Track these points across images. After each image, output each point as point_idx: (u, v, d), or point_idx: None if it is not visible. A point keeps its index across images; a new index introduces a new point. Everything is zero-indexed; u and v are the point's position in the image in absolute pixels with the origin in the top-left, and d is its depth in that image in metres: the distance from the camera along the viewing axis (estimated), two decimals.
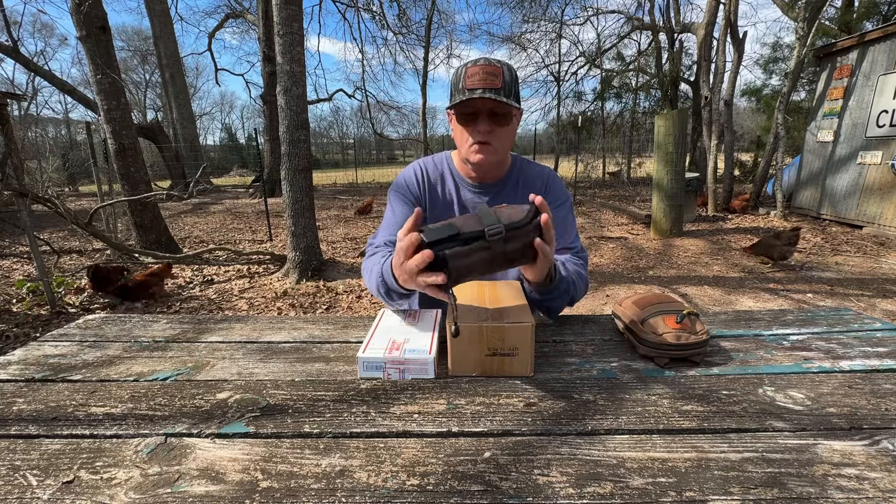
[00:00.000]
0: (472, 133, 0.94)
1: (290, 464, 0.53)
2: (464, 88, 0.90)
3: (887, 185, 5.49)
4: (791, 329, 0.91)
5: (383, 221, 1.09)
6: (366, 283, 0.98)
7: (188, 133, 14.25)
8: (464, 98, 0.89)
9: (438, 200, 1.07)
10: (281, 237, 6.19)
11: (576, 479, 0.50)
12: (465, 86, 0.90)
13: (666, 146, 5.42)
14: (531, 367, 0.73)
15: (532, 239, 0.68)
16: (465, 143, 0.96)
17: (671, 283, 3.99)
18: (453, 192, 1.07)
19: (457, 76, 0.94)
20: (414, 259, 0.66)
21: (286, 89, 3.77)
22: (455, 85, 0.94)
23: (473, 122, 0.94)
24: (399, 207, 1.06)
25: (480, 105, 0.92)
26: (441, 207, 1.07)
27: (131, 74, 26.71)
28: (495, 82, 0.89)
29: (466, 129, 0.95)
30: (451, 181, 1.08)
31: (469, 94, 0.89)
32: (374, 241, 1.04)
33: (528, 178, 1.09)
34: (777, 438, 0.56)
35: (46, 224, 7.06)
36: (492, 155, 0.96)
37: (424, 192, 1.07)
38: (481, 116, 0.92)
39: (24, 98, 16.93)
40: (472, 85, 0.89)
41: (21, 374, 0.77)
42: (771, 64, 11.97)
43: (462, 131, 0.96)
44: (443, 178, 1.08)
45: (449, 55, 14.41)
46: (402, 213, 1.05)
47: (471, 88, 0.89)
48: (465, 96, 0.89)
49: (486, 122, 0.92)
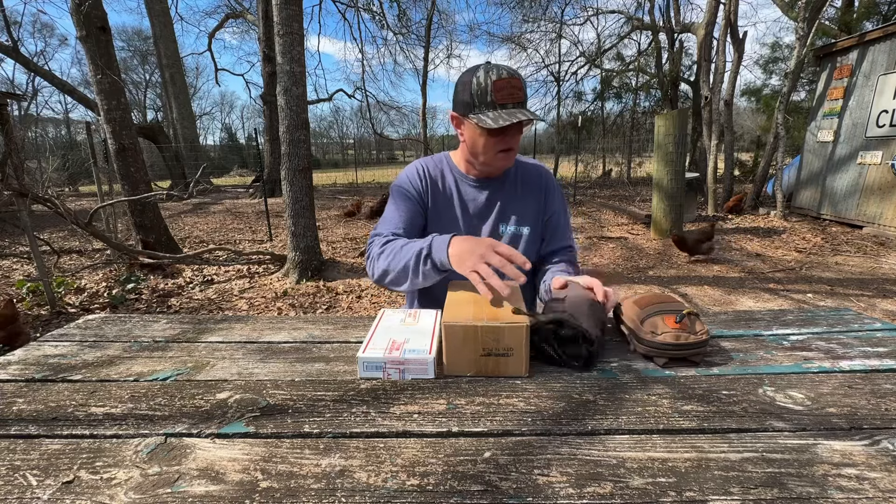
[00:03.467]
0: (498, 143, 1.00)
1: (290, 464, 0.53)
2: (494, 102, 0.95)
3: (887, 185, 5.49)
4: (791, 329, 0.91)
5: (385, 216, 1.10)
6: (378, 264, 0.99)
7: (188, 133, 14.26)
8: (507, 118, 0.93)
9: (439, 195, 1.12)
10: (281, 237, 6.19)
11: (576, 479, 0.50)
12: (496, 100, 0.95)
13: (666, 146, 5.41)
14: (526, 367, 0.73)
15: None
16: (490, 150, 1.02)
17: (671, 283, 3.98)
18: (453, 188, 1.13)
19: (480, 87, 0.96)
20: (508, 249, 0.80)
21: (286, 89, 3.77)
22: (480, 97, 0.96)
23: (504, 135, 0.99)
24: (403, 203, 1.10)
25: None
26: (442, 201, 1.12)
27: (131, 74, 26.70)
28: (521, 96, 0.97)
29: (494, 140, 1.00)
30: (450, 177, 1.14)
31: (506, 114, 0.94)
32: (381, 232, 1.06)
33: (525, 175, 1.16)
34: (777, 438, 0.56)
35: (46, 224, 7.06)
36: (514, 159, 1.07)
37: (427, 187, 1.12)
38: (512, 130, 0.99)
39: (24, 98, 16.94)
40: (502, 100, 0.95)
41: (21, 374, 0.77)
42: (771, 64, 11.98)
43: (487, 141, 1.00)
44: (443, 174, 1.14)
45: (449, 55, 14.42)
46: (406, 209, 1.09)
47: (502, 104, 0.95)
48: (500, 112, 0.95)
49: (516, 133, 1.01)
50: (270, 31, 7.22)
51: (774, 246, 5.22)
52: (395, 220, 1.08)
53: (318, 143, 31.76)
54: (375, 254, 1.01)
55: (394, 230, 1.06)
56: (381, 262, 0.99)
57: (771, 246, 5.22)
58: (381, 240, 1.03)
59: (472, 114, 0.98)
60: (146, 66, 26.91)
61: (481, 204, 1.12)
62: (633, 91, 13.09)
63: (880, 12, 8.36)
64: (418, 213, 1.10)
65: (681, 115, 5.44)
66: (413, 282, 0.94)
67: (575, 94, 13.68)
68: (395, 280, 0.97)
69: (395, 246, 0.98)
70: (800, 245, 5.20)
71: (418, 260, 0.90)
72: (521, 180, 1.15)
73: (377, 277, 1.01)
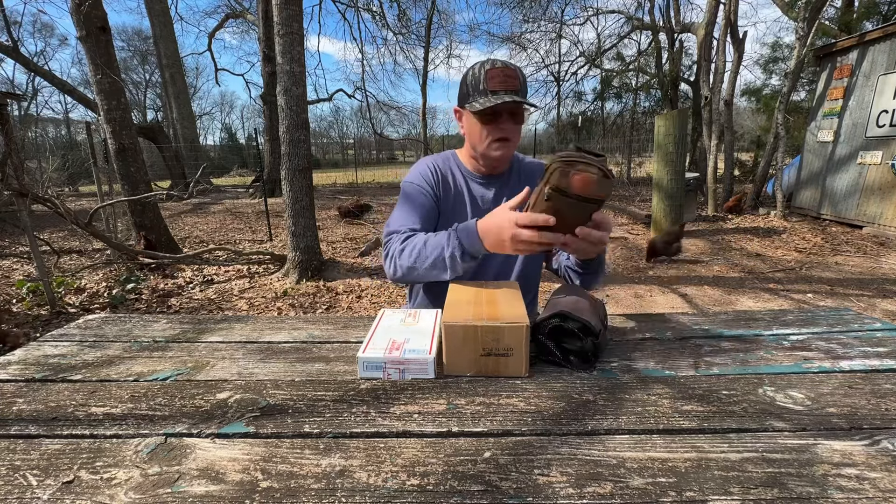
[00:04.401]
0: (492, 131, 1.02)
1: (290, 464, 0.53)
2: (486, 90, 0.97)
3: (887, 185, 5.49)
4: (791, 329, 0.91)
5: (399, 213, 1.09)
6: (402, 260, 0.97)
7: (188, 133, 14.26)
8: (494, 101, 0.95)
9: (450, 192, 1.14)
10: (281, 237, 6.19)
11: (576, 479, 0.50)
12: (489, 87, 0.97)
13: (666, 146, 5.41)
14: (526, 367, 0.73)
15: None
16: (485, 139, 1.03)
17: (671, 283, 3.99)
18: (463, 185, 1.14)
19: (475, 77, 1.00)
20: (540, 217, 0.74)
21: (286, 89, 3.77)
22: (473, 86, 1.00)
23: (495, 121, 1.01)
24: (417, 199, 1.10)
25: (503, 106, 0.98)
26: (453, 197, 1.13)
27: (131, 74, 26.70)
28: (515, 84, 0.97)
29: (487, 127, 1.01)
30: (459, 175, 1.15)
31: (495, 98, 0.95)
32: (398, 229, 1.04)
33: (529, 171, 1.19)
34: (777, 438, 0.56)
35: (46, 224, 7.05)
36: (510, 150, 1.05)
37: (438, 183, 1.13)
38: (504, 116, 1.00)
39: (24, 98, 16.93)
40: (495, 87, 0.96)
41: (21, 374, 0.77)
42: (771, 64, 11.97)
43: (482, 129, 1.02)
44: (452, 172, 1.15)
45: (449, 55, 14.45)
46: (421, 205, 1.09)
47: (494, 91, 0.96)
48: (490, 97, 0.96)
49: (509, 121, 1.01)
50: (270, 31, 7.22)
51: (774, 246, 5.22)
52: (412, 216, 1.07)
53: (318, 143, 31.75)
54: (396, 251, 0.98)
55: (411, 226, 1.04)
56: (403, 260, 0.96)
57: (771, 246, 5.23)
58: (399, 237, 1.01)
59: (466, 103, 1.01)
60: (146, 66, 26.93)
61: (489, 200, 1.13)
62: (633, 91, 13.10)
63: (880, 12, 8.36)
64: (433, 209, 1.10)
65: (681, 115, 5.44)
66: (441, 276, 0.93)
67: (575, 94, 13.71)
68: (422, 276, 0.95)
69: (418, 242, 0.95)
70: (800, 245, 5.20)
71: (453, 256, 0.89)
72: (524, 176, 1.17)
73: (401, 274, 0.97)
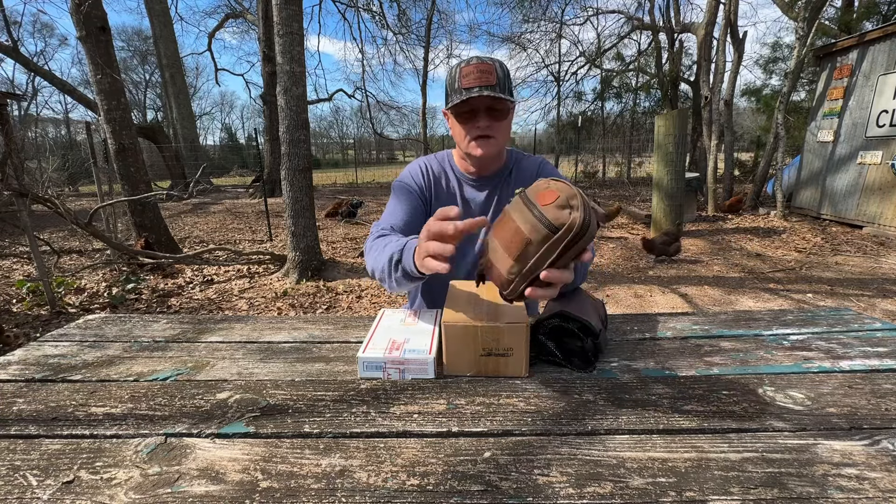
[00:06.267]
0: (470, 129, 0.99)
1: (290, 464, 0.53)
2: (460, 88, 0.95)
3: (887, 185, 5.49)
4: (791, 329, 0.91)
5: (387, 210, 1.09)
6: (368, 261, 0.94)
7: (188, 133, 14.26)
8: (462, 97, 0.93)
9: (442, 194, 1.12)
10: (281, 237, 6.19)
11: (576, 479, 0.50)
12: (462, 85, 0.95)
13: (666, 146, 5.41)
14: (526, 367, 0.73)
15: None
16: (465, 139, 1.01)
17: (671, 283, 3.98)
18: (456, 188, 1.13)
19: (451, 77, 0.99)
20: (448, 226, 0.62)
21: (286, 89, 3.77)
22: (451, 85, 0.99)
23: (473, 119, 0.98)
24: (404, 198, 1.09)
25: (478, 103, 0.96)
26: (445, 201, 1.12)
27: (131, 74, 26.66)
28: (490, 79, 0.94)
29: (465, 127, 0.99)
30: (453, 177, 1.14)
31: (467, 94, 0.93)
32: (380, 225, 1.03)
33: (521, 170, 1.14)
34: (777, 438, 0.56)
35: (46, 224, 7.06)
36: (492, 148, 1.01)
37: (430, 185, 1.11)
38: (480, 113, 0.97)
39: (24, 98, 16.93)
40: (468, 84, 0.94)
41: (21, 375, 0.77)
42: (771, 64, 11.97)
43: (461, 128, 1.00)
44: (445, 174, 1.14)
45: (449, 55, 14.43)
46: (407, 203, 1.08)
47: (467, 87, 0.94)
48: (463, 95, 0.93)
49: (485, 118, 0.97)
50: (270, 31, 7.23)
51: (774, 246, 5.22)
52: (395, 215, 1.06)
53: (318, 143, 31.72)
54: (367, 247, 0.97)
55: (391, 224, 1.03)
56: (368, 259, 0.95)
57: (771, 246, 5.23)
58: (375, 234, 1.00)
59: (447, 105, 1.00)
60: (146, 66, 26.88)
61: (481, 202, 1.12)
62: (633, 91, 13.10)
63: (880, 12, 8.36)
64: (419, 210, 1.09)
65: (681, 115, 5.44)
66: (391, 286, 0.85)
67: (575, 94, 13.69)
68: (381, 280, 0.88)
69: (379, 244, 0.91)
70: (800, 245, 5.20)
71: (391, 262, 0.82)
72: (517, 176, 1.13)
73: (370, 273, 0.94)
